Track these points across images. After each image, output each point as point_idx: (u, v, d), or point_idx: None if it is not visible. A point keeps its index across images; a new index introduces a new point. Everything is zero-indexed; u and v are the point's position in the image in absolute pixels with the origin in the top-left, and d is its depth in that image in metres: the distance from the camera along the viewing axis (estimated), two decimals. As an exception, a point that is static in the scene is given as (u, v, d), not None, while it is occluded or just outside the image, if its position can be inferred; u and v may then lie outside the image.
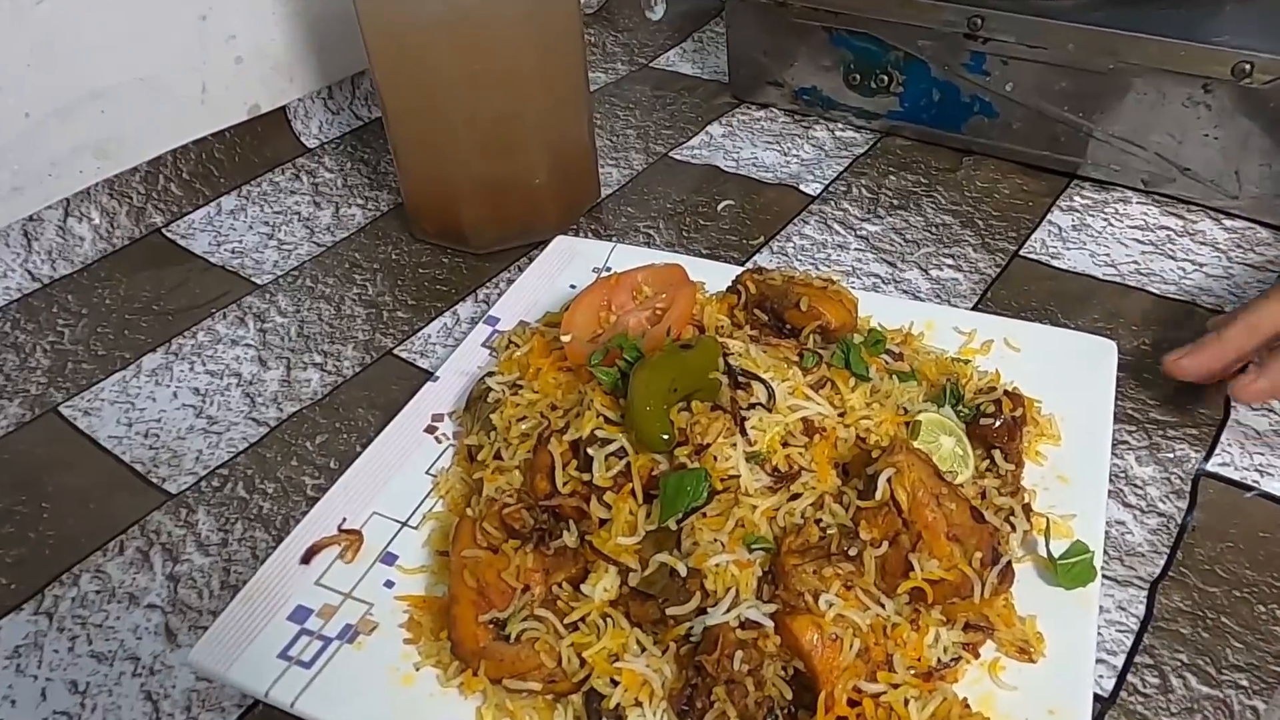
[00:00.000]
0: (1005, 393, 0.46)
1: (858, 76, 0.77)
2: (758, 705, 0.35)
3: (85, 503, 0.52)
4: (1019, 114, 0.71)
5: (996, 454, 0.44)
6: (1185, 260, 0.63)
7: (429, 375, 0.59)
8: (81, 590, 0.48)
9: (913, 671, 0.36)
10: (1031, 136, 0.72)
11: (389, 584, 0.44)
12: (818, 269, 0.65)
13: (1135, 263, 0.63)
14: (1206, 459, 0.49)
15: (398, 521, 0.47)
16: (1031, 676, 0.39)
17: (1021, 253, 0.65)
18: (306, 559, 0.44)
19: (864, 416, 0.43)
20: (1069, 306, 0.60)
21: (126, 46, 0.72)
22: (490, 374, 0.51)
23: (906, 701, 0.35)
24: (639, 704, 0.37)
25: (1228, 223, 0.66)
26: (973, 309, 0.61)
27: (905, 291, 0.63)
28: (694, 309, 0.48)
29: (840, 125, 0.80)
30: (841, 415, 0.43)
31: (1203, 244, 0.64)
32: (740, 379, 0.42)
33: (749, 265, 0.54)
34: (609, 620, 0.38)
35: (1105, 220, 0.67)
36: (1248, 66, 0.60)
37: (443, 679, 0.40)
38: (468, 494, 0.46)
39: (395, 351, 0.61)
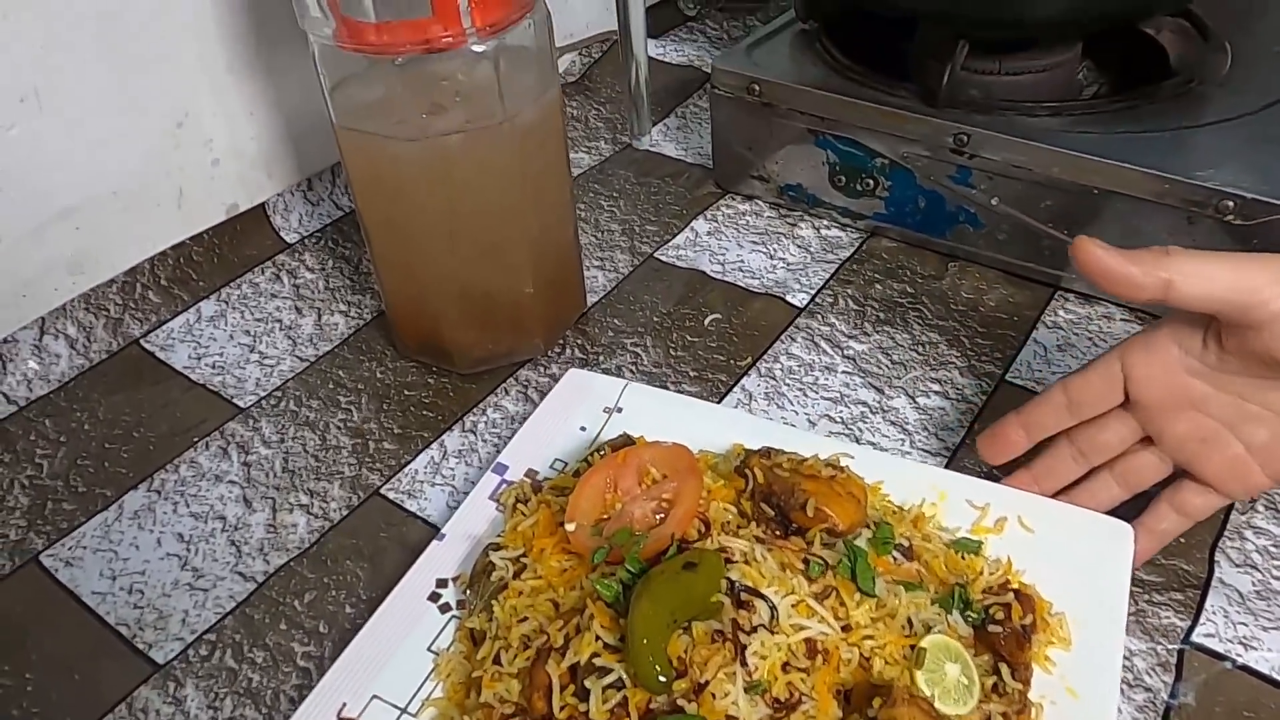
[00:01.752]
0: (1016, 595, 0.46)
1: (843, 178, 0.77)
2: None
3: (70, 673, 0.52)
4: (1004, 226, 0.72)
5: (1004, 668, 0.44)
6: (1168, 388, 0.64)
7: (416, 519, 0.59)
8: (69, 782, 0.47)
9: None
10: (1016, 247, 0.72)
11: None
12: (806, 394, 0.65)
13: (1119, 390, 0.64)
14: (1192, 628, 0.50)
15: (398, 708, 0.46)
16: None
17: (1008, 377, 0.66)
18: None
19: (868, 636, 0.43)
20: (1055, 442, 0.61)
21: (99, 160, 0.70)
22: (495, 545, 0.50)
23: None
24: None
25: (1209, 345, 0.66)
26: (960, 443, 0.61)
27: (893, 423, 0.63)
28: (700, 500, 0.48)
29: (826, 223, 0.80)
30: (845, 630, 0.43)
31: (1185, 369, 0.65)
32: (743, 597, 0.41)
33: (760, 448, 0.52)
34: None
35: (1090, 340, 0.68)
36: (1230, 204, 0.61)
37: None
38: (467, 683, 0.46)
39: (382, 491, 0.61)
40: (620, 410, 0.60)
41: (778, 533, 0.48)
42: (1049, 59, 0.73)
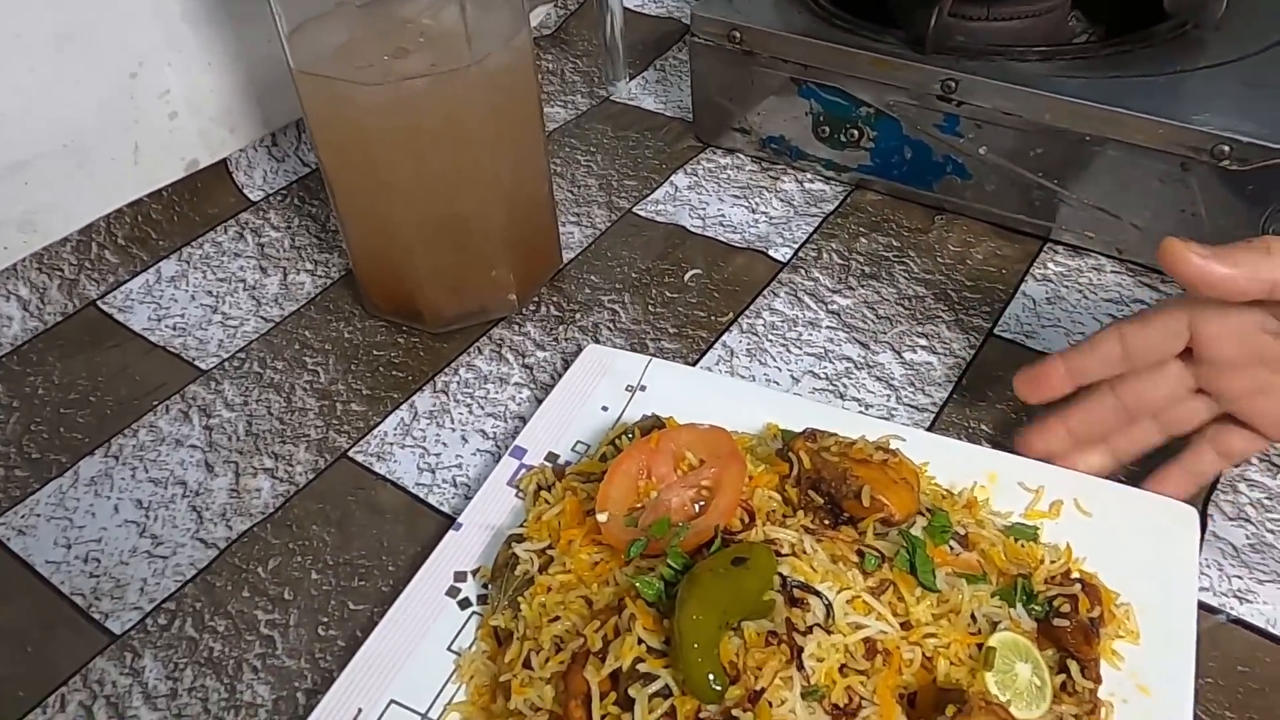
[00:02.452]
0: (1081, 585, 0.43)
1: (827, 129, 0.75)
2: None
3: (23, 645, 0.49)
4: (992, 176, 0.69)
5: (1073, 665, 0.41)
6: (1160, 340, 0.62)
7: (386, 482, 0.57)
8: (21, 756, 0.45)
9: None
10: (1005, 198, 0.70)
11: None
12: (789, 350, 0.63)
13: (1110, 343, 0.62)
14: (1185, 583, 0.49)
15: (418, 713, 0.43)
16: None
17: (995, 331, 0.64)
18: None
19: (930, 634, 0.40)
20: (1045, 396, 0.59)
21: (49, 113, 0.67)
22: (518, 536, 0.47)
23: None
24: None
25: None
26: (947, 399, 0.59)
27: (879, 378, 0.61)
28: (743, 488, 0.44)
29: (809, 176, 0.78)
30: (905, 628, 0.40)
31: (1177, 321, 0.63)
32: (796, 593, 0.39)
33: (804, 430, 0.49)
34: None
35: (1080, 293, 0.66)
36: (1226, 149, 0.59)
37: None
38: (492, 685, 0.43)
39: (350, 454, 0.58)
40: (644, 388, 0.57)
41: (827, 522, 0.45)
42: (1039, 3, 0.70)
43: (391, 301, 0.66)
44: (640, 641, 0.38)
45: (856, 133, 0.73)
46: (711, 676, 0.36)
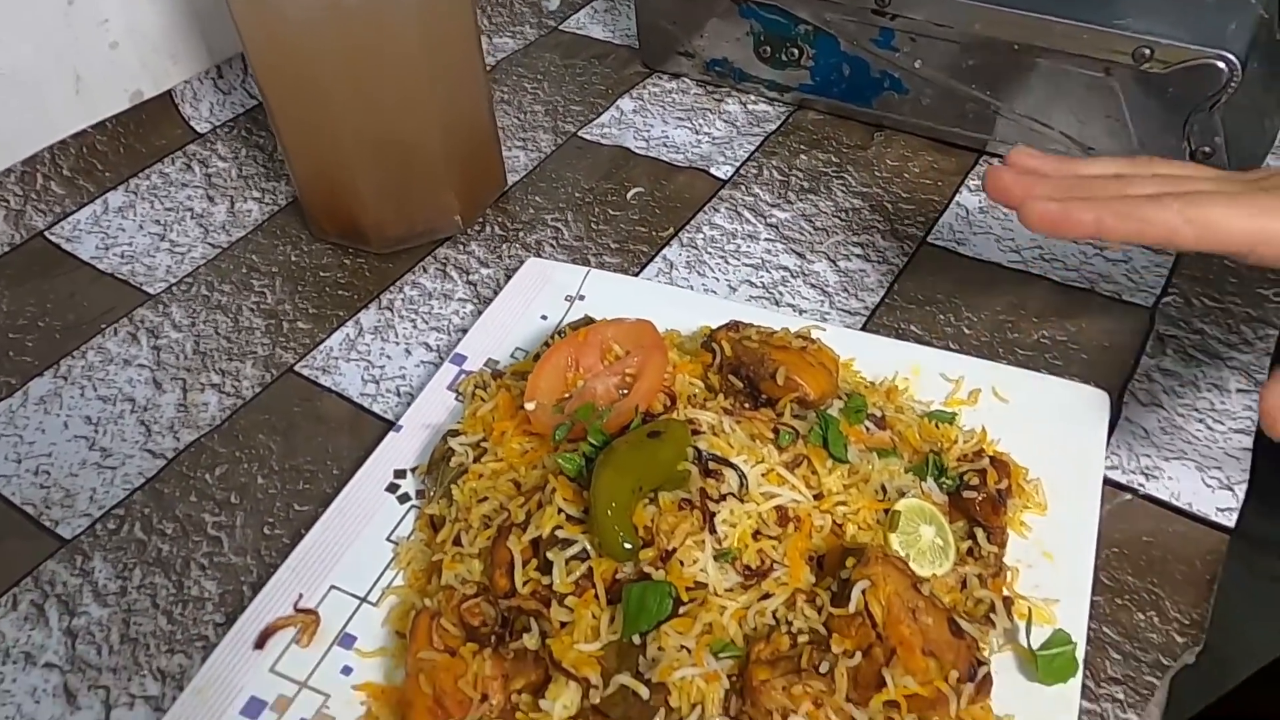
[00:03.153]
0: (991, 460, 0.45)
1: (768, 49, 0.75)
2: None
3: (-26, 552, 0.51)
4: (928, 90, 0.70)
5: (979, 532, 0.43)
6: (1087, 244, 0.64)
7: (330, 393, 0.58)
8: (-26, 652, 0.47)
9: None
10: (941, 112, 0.71)
11: (347, 670, 0.43)
12: (727, 262, 0.65)
13: (1039, 247, 0.64)
14: (1096, 463, 0.51)
15: (357, 597, 0.45)
16: None
17: (929, 239, 0.65)
18: (260, 643, 0.43)
19: (841, 502, 0.42)
20: (973, 298, 0.61)
21: (-14, 40, 0.67)
22: (454, 432, 0.49)
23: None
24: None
25: (1129, 202, 0.66)
26: (879, 303, 0.61)
27: (814, 285, 0.62)
28: (666, 374, 0.46)
29: (752, 98, 0.79)
30: (818, 499, 0.42)
31: (1105, 226, 0.65)
32: (710, 466, 0.40)
33: (728, 321, 0.51)
34: None
35: (1011, 201, 0.67)
36: (1147, 51, 0.60)
37: None
38: (429, 570, 0.45)
39: (296, 368, 0.59)
40: (582, 298, 0.59)
41: (747, 405, 0.46)
42: (972, -84, 0.71)
43: (337, 224, 0.67)
44: (560, 512, 0.40)
45: (796, 51, 0.74)
46: (623, 536, 0.38)
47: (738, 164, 0.72)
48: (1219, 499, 0.49)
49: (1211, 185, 0.45)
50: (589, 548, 0.39)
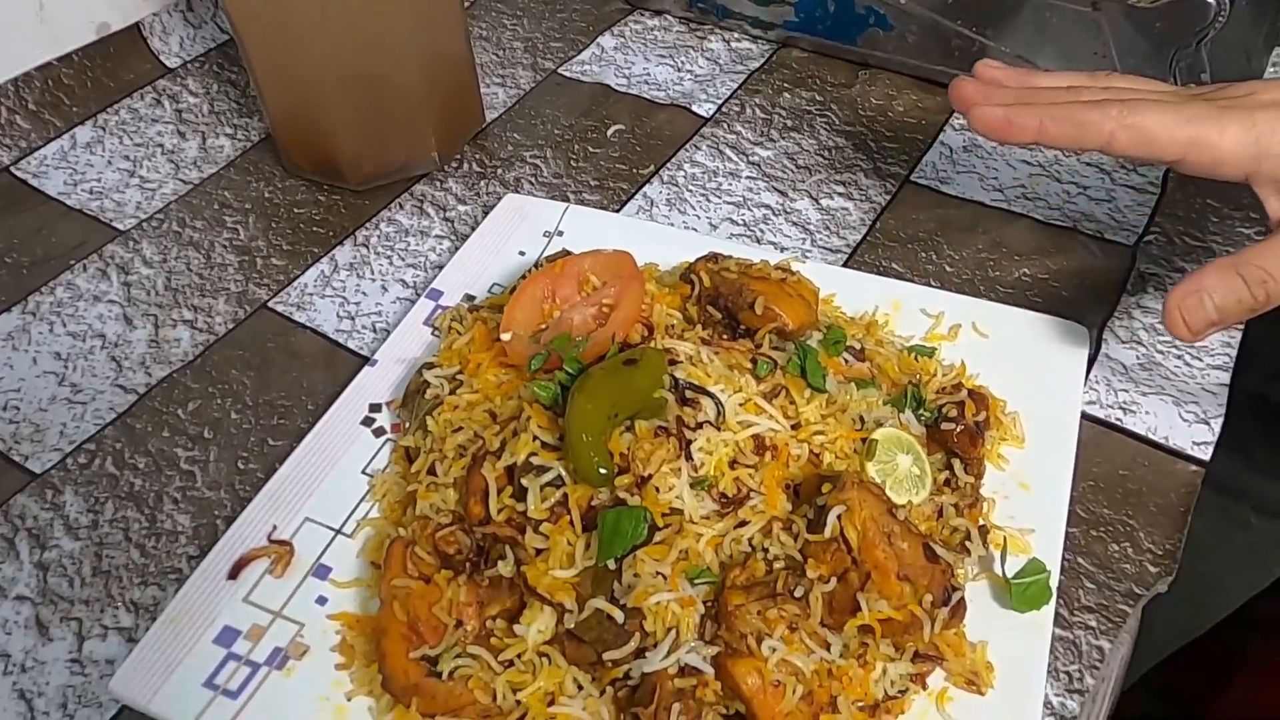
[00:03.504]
0: (969, 393, 0.45)
1: (752, -16, 0.74)
2: (697, 755, 0.35)
3: (-57, 487, 0.50)
4: (914, 27, 0.69)
5: (956, 463, 0.43)
6: (1070, 183, 0.63)
7: (305, 329, 0.57)
8: (-56, 584, 0.46)
9: (858, 705, 0.36)
10: (927, 50, 0.70)
11: (321, 600, 0.42)
12: (709, 199, 0.64)
13: (1022, 186, 0.63)
14: (1074, 399, 0.51)
15: (331, 529, 0.45)
16: (979, 708, 0.38)
17: (912, 178, 0.65)
18: (234, 573, 0.42)
19: (818, 431, 0.41)
20: (955, 236, 0.60)
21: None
22: (429, 365, 0.48)
23: (850, 744, 0.35)
24: (576, 748, 0.36)
25: (1114, 142, 0.65)
26: (861, 240, 0.60)
27: (795, 224, 0.62)
28: (643, 305, 0.45)
29: (736, 36, 0.77)
30: (795, 429, 0.41)
31: (1088, 165, 0.64)
32: (688, 394, 0.39)
33: (706, 253, 0.50)
34: (545, 659, 0.37)
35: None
36: (1136, -15, 0.59)
37: (375, 711, 0.39)
38: (404, 501, 0.44)
39: (270, 305, 0.59)
40: (561, 233, 0.58)
41: (725, 335, 0.46)
42: None
43: (311, 160, 0.66)
44: (535, 439, 0.40)
45: (781, -14, 0.73)
46: (598, 462, 0.37)
47: (720, 102, 0.71)
48: (1195, 433, 0.49)
49: (1156, 96, 0.46)
50: (564, 474, 0.39)
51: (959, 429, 0.44)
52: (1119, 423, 0.50)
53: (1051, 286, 0.57)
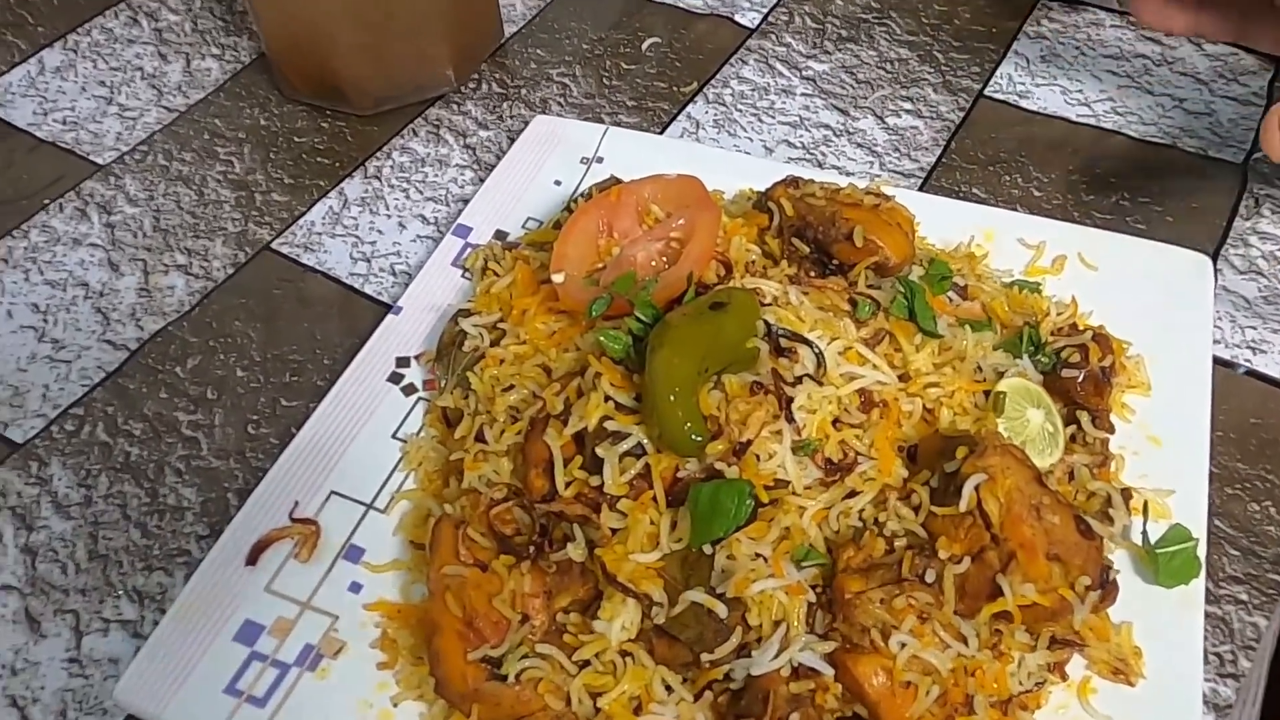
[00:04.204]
0: (1093, 335, 0.39)
1: (797, -124, 0.66)
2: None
3: (-89, 460, 0.44)
4: (982, -79, 0.62)
5: (1083, 416, 0.37)
6: (1164, 95, 0.57)
7: (315, 273, 0.51)
8: (-83, 574, 0.40)
9: (990, 701, 0.31)
10: (995, -52, 0.63)
11: (355, 587, 0.37)
12: (761, 120, 0.57)
13: (1111, 100, 0.57)
14: (1196, 337, 0.45)
15: (361, 504, 0.39)
16: (1128, 701, 0.33)
17: (987, 92, 0.58)
18: (253, 558, 0.37)
19: (932, 383, 0.36)
20: (1041, 156, 0.54)
21: None
22: (465, 312, 0.42)
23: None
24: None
25: (1209, 49, 0.59)
26: (935, 163, 0.54)
27: (860, 145, 0.55)
28: (718, 239, 0.39)
29: (777, -64, 0.69)
30: (904, 380, 0.36)
31: (1183, 74, 0.58)
32: (783, 343, 0.34)
33: (784, 177, 0.43)
34: (628, 658, 0.32)
35: (1077, 49, 0.60)
36: None
37: (426, 717, 0.34)
38: (444, 470, 0.39)
39: (274, 245, 0.52)
40: (601, 160, 0.51)
41: (813, 272, 0.40)
42: None
43: (311, 82, 0.58)
44: (607, 399, 0.33)
45: (830, -122, 0.65)
46: (690, 427, 0.31)
47: (765, 10, 0.64)
48: (1338, 374, 0.43)
49: None
50: (645, 442, 0.32)
51: (1083, 376, 0.38)
52: (1248, 363, 0.44)
53: (1154, 211, 0.51)
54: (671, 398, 0.31)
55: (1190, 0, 0.47)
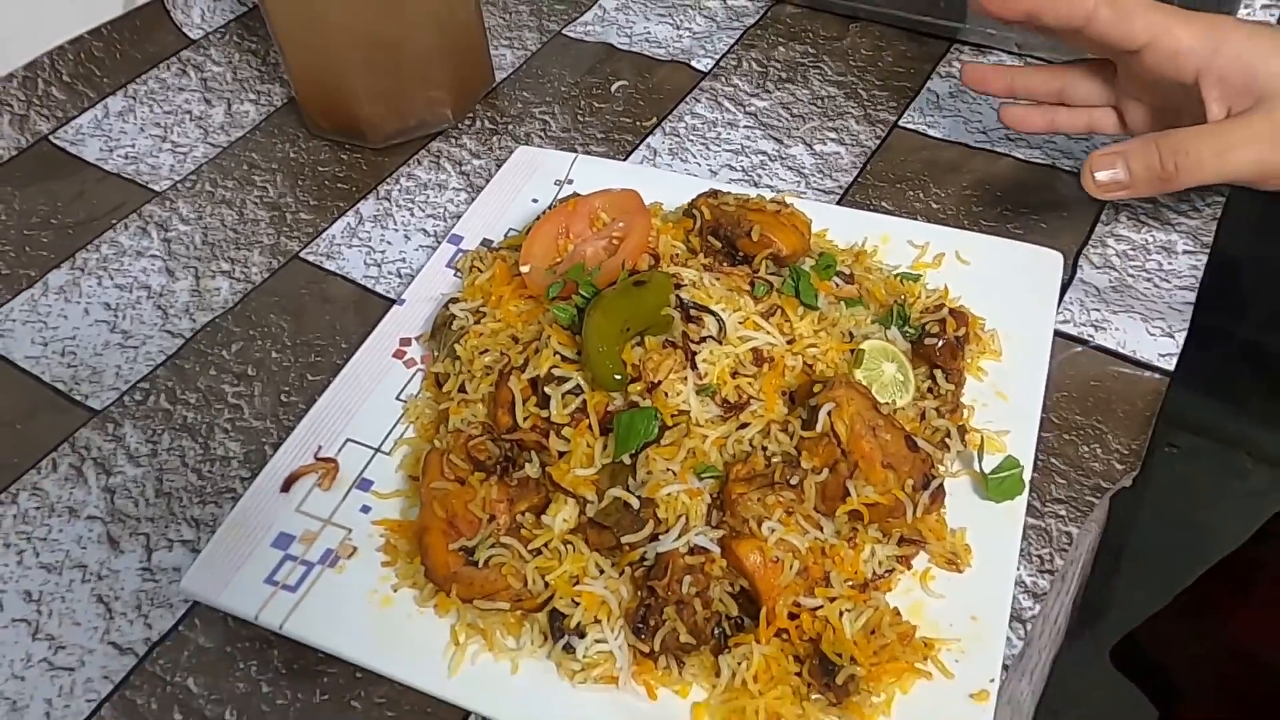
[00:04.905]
0: (950, 312, 0.48)
1: (746, -57, 0.77)
2: (705, 621, 0.39)
3: (11, 424, 0.54)
4: (902, -20, 0.73)
5: (939, 374, 0.47)
6: (1051, 124, 0.67)
7: (336, 276, 0.61)
8: (21, 508, 0.51)
9: (850, 584, 0.40)
10: (914, 1, 0.73)
11: (365, 509, 0.47)
12: (709, 148, 0.68)
13: (1005, 129, 0.67)
14: (1051, 318, 0.55)
15: (371, 448, 0.49)
16: (958, 585, 0.42)
17: (901, 123, 0.68)
18: (286, 487, 0.47)
19: (811, 345, 0.45)
20: (941, 176, 0.64)
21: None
22: (454, 300, 0.52)
23: (841, 614, 0.39)
24: (598, 621, 0.40)
25: (1092, 84, 0.69)
26: (852, 182, 0.64)
27: (790, 168, 0.66)
28: (650, 237, 0.49)
29: (731, -7, 0.80)
30: (790, 343, 0.45)
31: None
32: (692, 312, 0.44)
33: (706, 190, 0.55)
34: (569, 546, 0.42)
35: (980, 86, 0.70)
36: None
37: (419, 600, 0.43)
38: (436, 420, 0.49)
39: (302, 255, 0.63)
40: (571, 182, 0.62)
41: (725, 263, 0.50)
42: None
43: (333, 121, 0.70)
44: (556, 354, 0.44)
45: (773, -55, 0.76)
46: (614, 369, 0.42)
47: (718, 57, 0.75)
48: (1161, 345, 0.53)
49: None
50: (582, 383, 0.43)
51: (941, 343, 0.48)
52: (1090, 339, 0.54)
53: (1031, 219, 0.61)
54: (600, 349, 0.42)
55: (1047, 105, 0.60)
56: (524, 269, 0.49)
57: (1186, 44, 0.49)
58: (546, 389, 0.43)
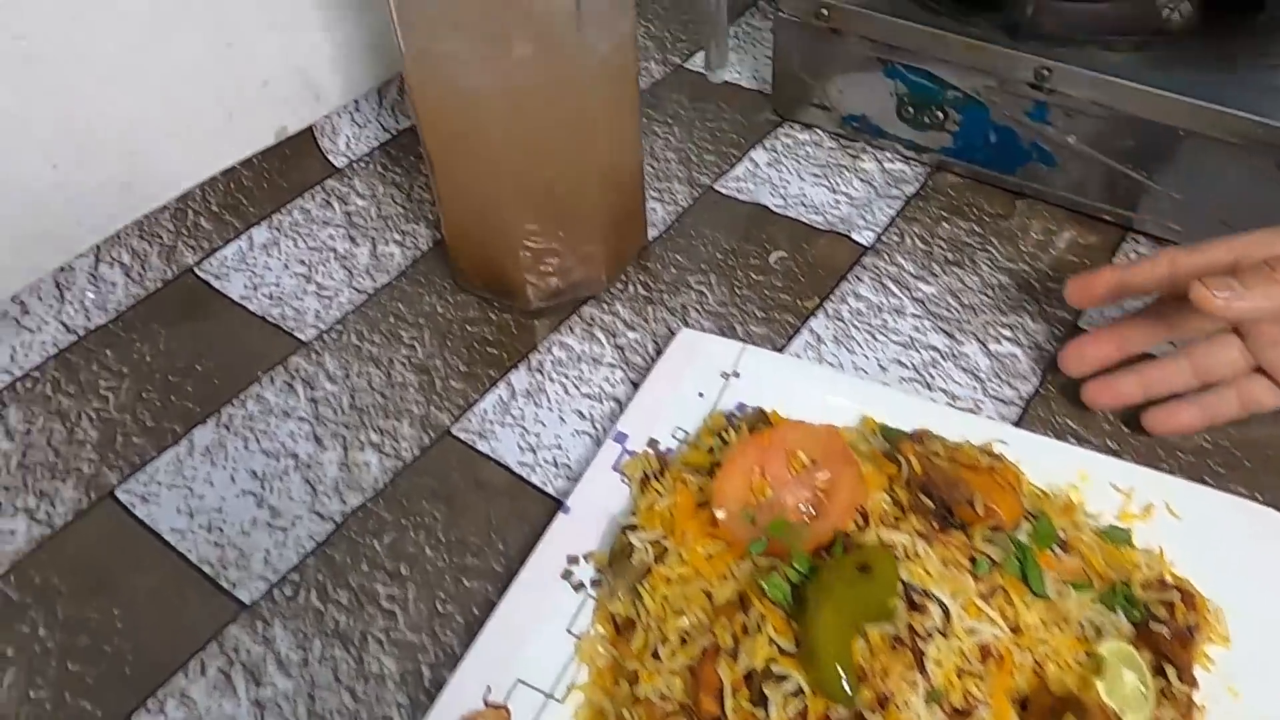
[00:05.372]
0: (1180, 593, 0.45)
1: (911, 110, 0.75)
2: None
3: (158, 611, 0.52)
4: (1078, 163, 0.70)
5: (1170, 670, 0.43)
6: (1242, 338, 0.63)
7: (490, 460, 0.59)
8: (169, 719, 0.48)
9: None
10: (1088, 186, 0.70)
11: None
12: (875, 338, 0.65)
13: (1192, 339, 0.63)
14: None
15: (542, 693, 0.46)
16: None
17: (1080, 324, 0.65)
18: None
19: (1041, 640, 0.42)
20: (1128, 392, 0.60)
21: (150, 83, 0.68)
22: (631, 527, 0.49)
23: None
24: None
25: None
26: (1034, 393, 0.61)
27: (965, 369, 0.62)
28: (858, 491, 0.46)
29: (889, 155, 0.78)
30: (1014, 631, 0.42)
31: (1260, 318, 0.64)
32: (915, 599, 0.41)
33: (911, 432, 0.52)
34: None
35: (1162, 286, 0.67)
36: (1328, 153, 0.59)
37: None
38: (613, 669, 0.46)
39: (453, 431, 0.61)
40: (737, 375, 0.59)
41: (935, 525, 0.46)
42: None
43: (484, 277, 0.68)
44: (771, 643, 0.41)
45: (941, 115, 0.74)
46: (844, 679, 0.38)
47: (879, 229, 0.72)
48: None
49: None
50: (804, 685, 0.40)
51: (1170, 633, 0.44)
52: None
53: (1234, 455, 0.57)
54: (832, 654, 0.38)
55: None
56: (719, 513, 0.47)
57: None
58: (765, 687, 0.40)
